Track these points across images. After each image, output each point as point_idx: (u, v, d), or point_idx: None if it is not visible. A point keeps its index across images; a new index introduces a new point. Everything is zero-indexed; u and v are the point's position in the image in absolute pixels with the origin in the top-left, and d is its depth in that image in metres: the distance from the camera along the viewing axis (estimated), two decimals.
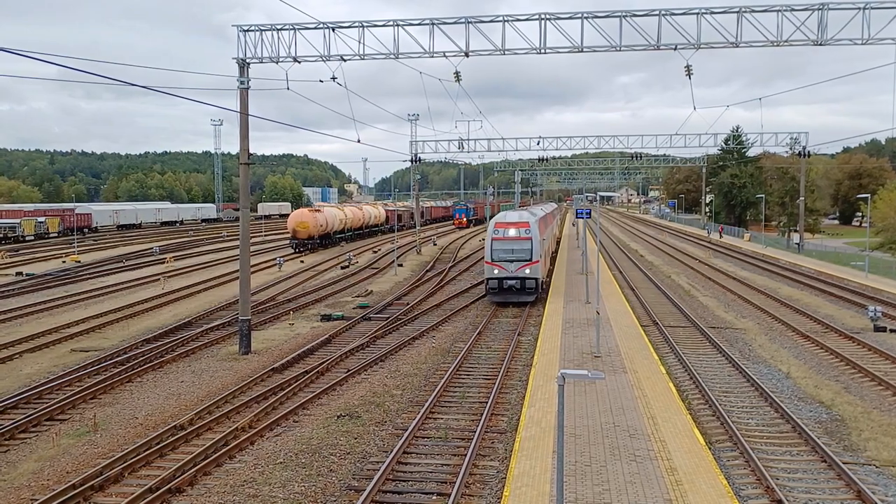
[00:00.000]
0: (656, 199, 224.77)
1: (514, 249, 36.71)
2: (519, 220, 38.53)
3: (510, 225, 37.73)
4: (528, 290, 36.77)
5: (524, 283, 36.73)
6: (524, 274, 36.71)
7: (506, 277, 36.81)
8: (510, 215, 40.85)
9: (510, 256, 36.66)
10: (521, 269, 36.64)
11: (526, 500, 13.41)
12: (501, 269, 36.79)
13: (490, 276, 37.39)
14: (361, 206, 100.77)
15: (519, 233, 37.18)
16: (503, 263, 36.71)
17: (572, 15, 28.90)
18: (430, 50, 29.58)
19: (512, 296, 36.93)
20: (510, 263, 36.64)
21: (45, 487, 15.64)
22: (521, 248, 36.76)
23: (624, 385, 20.98)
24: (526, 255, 36.68)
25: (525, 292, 36.76)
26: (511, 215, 40.80)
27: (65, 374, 24.87)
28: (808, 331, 31.04)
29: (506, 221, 38.34)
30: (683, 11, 28.38)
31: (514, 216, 40.06)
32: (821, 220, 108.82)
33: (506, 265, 36.71)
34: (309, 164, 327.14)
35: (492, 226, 38.44)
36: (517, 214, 40.77)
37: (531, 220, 38.25)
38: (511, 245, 36.90)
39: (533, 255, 36.70)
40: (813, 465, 16.25)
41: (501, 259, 36.71)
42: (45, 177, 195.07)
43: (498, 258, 36.81)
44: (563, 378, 10.96)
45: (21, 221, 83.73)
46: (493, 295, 37.37)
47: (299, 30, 29.49)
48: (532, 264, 36.73)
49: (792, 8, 27.96)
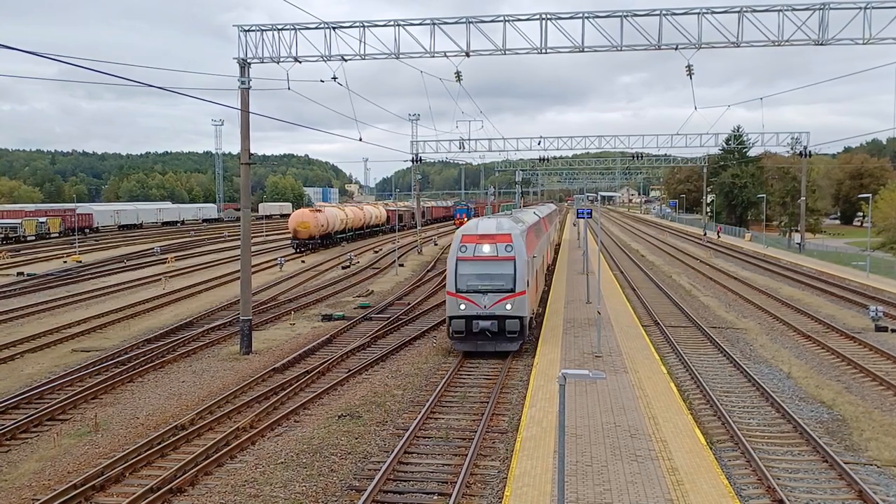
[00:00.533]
0: (657, 199, 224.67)
1: (490, 275, 26.01)
2: (497, 230, 26.93)
3: (484, 238, 26.54)
4: (509, 334, 25.72)
5: (503, 324, 25.61)
6: (503, 311, 25.54)
7: (477, 316, 25.59)
8: (485, 224, 28.59)
9: (483, 285, 25.85)
10: (498, 303, 25.58)
11: (527, 500, 13.40)
12: (470, 305, 25.65)
13: (454, 315, 25.92)
14: (362, 206, 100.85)
15: (496, 250, 26.23)
16: (472, 296, 25.68)
17: (573, 15, 28.89)
18: (431, 50, 29.58)
19: (486, 343, 25.98)
20: (482, 296, 25.67)
21: (47, 487, 15.65)
22: (498, 272, 25.97)
23: (625, 385, 20.97)
24: (506, 283, 25.81)
25: (505, 338, 25.82)
26: (486, 224, 28.39)
27: (66, 374, 24.90)
28: (810, 331, 31.02)
29: (477, 233, 26.89)
30: (684, 11, 28.36)
31: (489, 225, 27.91)
32: (822, 220, 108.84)
33: (476, 298, 25.67)
34: (310, 164, 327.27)
35: (457, 239, 26.91)
36: (494, 222, 28.28)
37: (515, 231, 27.06)
38: (484, 268, 26.15)
39: (517, 282, 25.80)
40: (814, 465, 16.25)
41: (470, 289, 25.76)
42: (47, 177, 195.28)
43: (465, 287, 25.85)
44: (564, 378, 10.96)
45: (22, 222, 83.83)
46: (460, 342, 26.22)
47: (300, 30, 29.50)
48: (515, 296, 25.70)
49: (793, 8, 27.94)
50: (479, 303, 25.75)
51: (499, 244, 26.36)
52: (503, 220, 29.58)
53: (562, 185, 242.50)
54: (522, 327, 25.96)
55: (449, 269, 26.68)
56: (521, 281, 25.99)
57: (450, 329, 26.27)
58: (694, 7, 28.33)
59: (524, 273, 26.17)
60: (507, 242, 26.39)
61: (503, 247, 26.28)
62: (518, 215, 37.33)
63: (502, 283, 25.90)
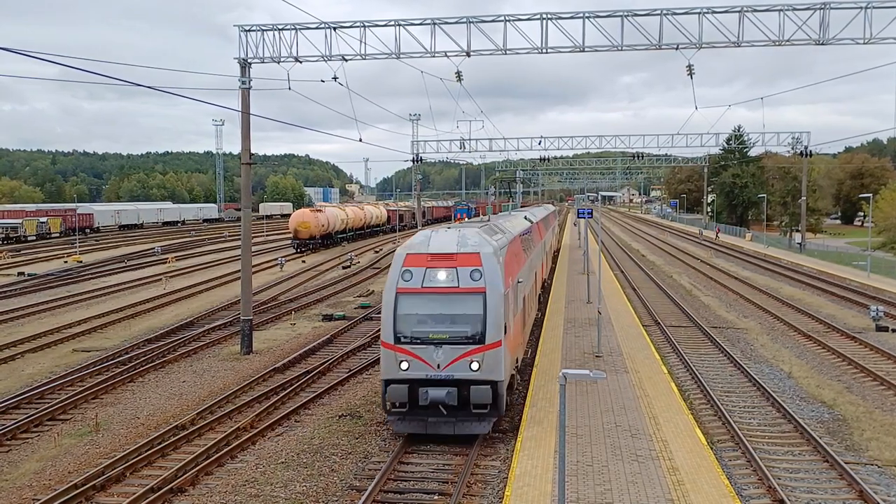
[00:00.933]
0: (658, 198, 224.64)
1: (446, 316, 17.39)
2: (459, 247, 17.94)
3: (438, 260, 17.73)
4: (475, 408, 17.04)
5: (466, 392, 17.00)
6: (467, 372, 17.04)
7: (426, 381, 17.10)
8: (441, 238, 18.47)
9: (435, 332, 17.22)
10: (459, 360, 17.05)
11: (527, 499, 13.40)
12: (416, 362, 17.19)
13: (391, 378, 17.37)
14: (363, 206, 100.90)
15: (457, 277, 17.49)
16: (419, 349, 17.19)
17: (574, 14, 28.88)
18: (431, 50, 29.57)
19: (441, 422, 17.24)
20: (434, 349, 17.11)
21: (47, 487, 15.66)
22: (460, 311, 17.35)
23: (625, 385, 20.97)
24: (471, 329, 17.18)
25: (469, 414, 17.14)
26: (443, 238, 18.42)
27: (66, 374, 24.92)
28: (810, 330, 31.01)
29: (428, 252, 17.94)
30: (685, 11, 28.35)
31: (447, 239, 18.29)
32: (822, 220, 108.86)
33: (425, 352, 17.16)
34: (310, 165, 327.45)
35: (398, 261, 18.05)
36: (455, 235, 18.44)
37: (486, 249, 17.97)
38: (438, 306, 17.48)
39: (487, 327, 17.13)
40: (815, 464, 16.25)
41: (416, 339, 17.26)
42: (47, 177, 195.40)
43: (408, 336, 17.36)
44: (564, 378, 10.96)
45: (23, 222, 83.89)
46: (399, 422, 17.49)
47: (301, 30, 29.50)
48: (485, 349, 17.07)
49: (793, 7, 27.93)
50: (430, 359, 17.00)
51: (461, 269, 17.33)
52: (470, 231, 18.86)
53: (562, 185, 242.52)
54: (497, 396, 16.97)
55: (385, 308, 17.39)
56: (494, 325, 17.01)
57: (385, 400, 17.40)
58: (694, 7, 28.32)
59: (500, 312, 17.12)
60: (475, 266, 17.35)
61: (468, 273, 17.27)
62: (500, 222, 25.67)
63: (465, 328, 17.02)
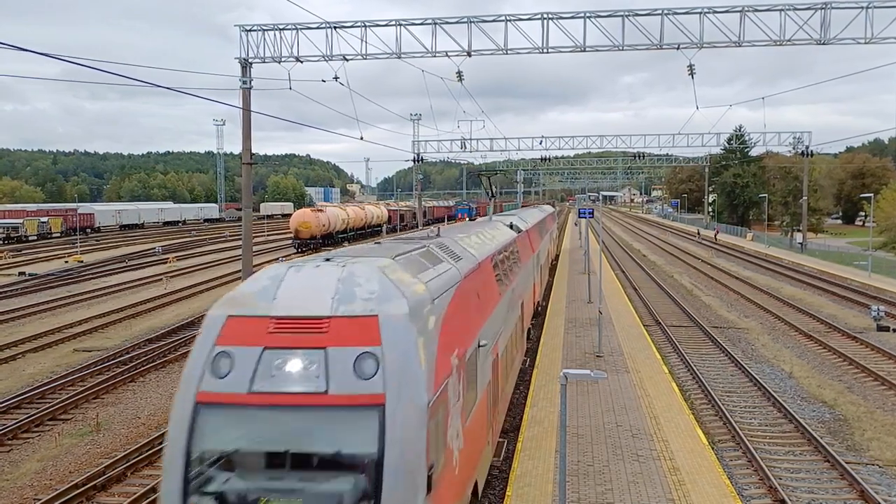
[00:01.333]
0: (659, 198, 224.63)
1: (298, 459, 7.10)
2: (336, 302, 7.55)
3: (291, 331, 7.36)
4: None
5: None
6: None
7: None
8: (302, 280, 7.89)
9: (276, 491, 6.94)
10: None
11: (528, 499, 13.39)
12: None
13: None
14: (364, 206, 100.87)
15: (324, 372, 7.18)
16: None
17: (575, 14, 28.90)
18: (432, 50, 29.59)
19: None
20: None
21: (48, 487, 15.67)
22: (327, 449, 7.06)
23: (626, 385, 20.95)
24: (351, 488, 6.86)
25: None
26: (305, 282, 7.86)
27: (67, 373, 24.91)
28: (811, 330, 30.98)
29: (272, 315, 7.50)
30: (686, 11, 28.38)
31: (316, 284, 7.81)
32: (824, 220, 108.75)
33: None
34: (311, 164, 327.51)
35: (210, 331, 7.65)
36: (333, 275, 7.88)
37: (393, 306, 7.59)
38: (283, 433, 7.15)
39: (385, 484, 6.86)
40: (816, 465, 16.23)
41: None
42: (48, 177, 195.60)
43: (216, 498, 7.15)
44: (565, 378, 10.95)
45: (24, 221, 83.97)
46: None
47: (302, 29, 29.52)
48: None
49: (795, 7, 27.94)
50: None
51: (336, 352, 7.36)
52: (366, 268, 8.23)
53: (563, 185, 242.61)
54: None
55: (170, 432, 7.91)
56: (403, 479, 7.07)
57: None
58: (695, 7, 28.33)
59: (417, 449, 7.23)
60: (366, 346, 7.37)
61: (350, 361, 7.32)
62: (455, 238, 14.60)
63: (339, 486, 7.05)
